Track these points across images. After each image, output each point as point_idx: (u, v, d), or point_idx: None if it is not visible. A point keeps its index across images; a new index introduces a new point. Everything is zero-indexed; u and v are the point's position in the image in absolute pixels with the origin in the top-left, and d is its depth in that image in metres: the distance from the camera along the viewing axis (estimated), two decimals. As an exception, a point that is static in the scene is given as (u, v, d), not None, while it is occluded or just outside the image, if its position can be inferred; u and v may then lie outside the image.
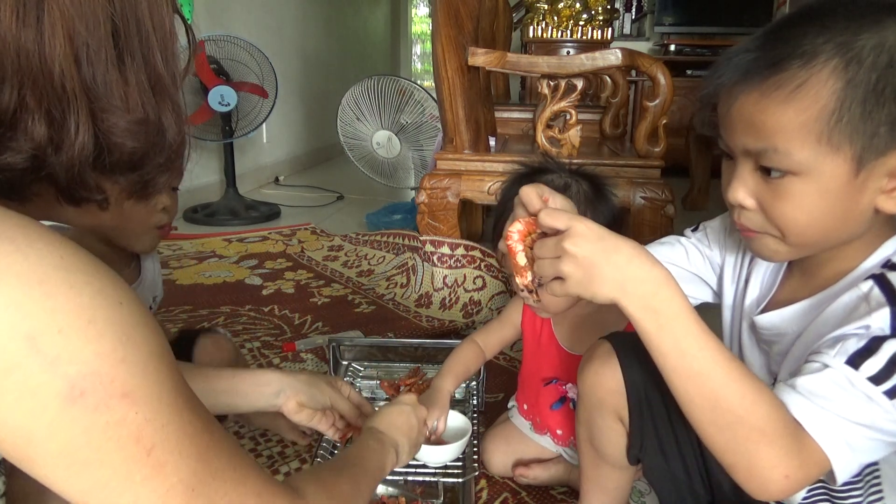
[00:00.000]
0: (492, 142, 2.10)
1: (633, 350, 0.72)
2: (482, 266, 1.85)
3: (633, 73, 3.68)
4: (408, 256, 2.10)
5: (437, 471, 1.02)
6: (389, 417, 0.85)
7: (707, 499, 0.78)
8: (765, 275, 0.72)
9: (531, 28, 3.42)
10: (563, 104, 1.75)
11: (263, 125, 3.09)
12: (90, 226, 0.98)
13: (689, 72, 4.14)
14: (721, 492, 0.75)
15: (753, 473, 0.55)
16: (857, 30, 0.53)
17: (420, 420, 0.90)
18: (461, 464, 1.03)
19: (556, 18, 3.39)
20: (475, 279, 1.85)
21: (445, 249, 1.86)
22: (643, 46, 4.66)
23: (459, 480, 1.02)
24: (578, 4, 3.37)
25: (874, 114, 0.53)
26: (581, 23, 3.35)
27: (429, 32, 4.68)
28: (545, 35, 3.39)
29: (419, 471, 1.02)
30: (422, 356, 1.37)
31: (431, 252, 1.86)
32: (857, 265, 0.62)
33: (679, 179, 2.80)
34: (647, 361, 0.60)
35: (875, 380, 0.53)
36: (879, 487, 0.63)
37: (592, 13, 3.38)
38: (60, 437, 0.35)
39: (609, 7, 3.47)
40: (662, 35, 4.55)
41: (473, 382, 1.27)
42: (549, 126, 1.78)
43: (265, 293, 2.00)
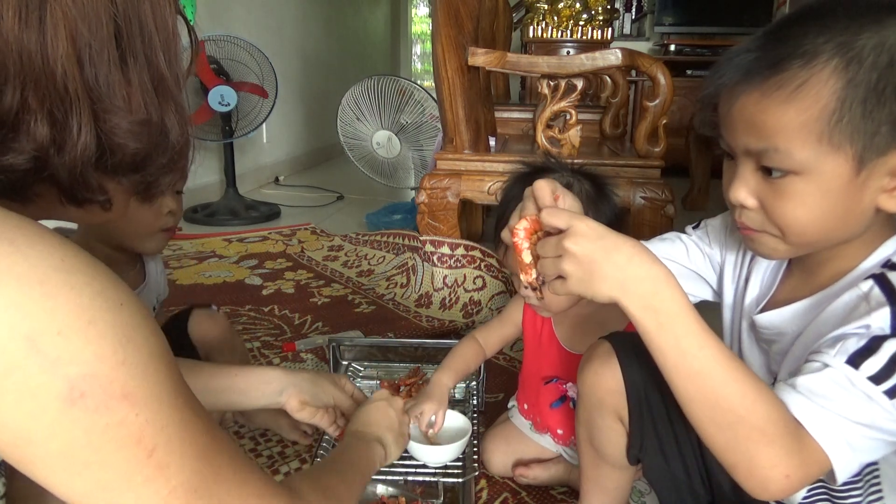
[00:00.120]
0: (492, 142, 2.10)
1: (633, 350, 0.72)
2: (482, 266, 1.85)
3: (633, 73, 3.68)
4: (408, 256, 2.10)
5: (437, 471, 1.02)
6: (366, 417, 0.86)
7: (707, 499, 0.78)
8: (765, 274, 0.72)
9: (531, 28, 3.42)
10: (563, 104, 1.75)
11: (263, 125, 3.09)
12: (95, 225, 0.99)
13: (689, 72, 4.14)
14: (721, 492, 0.75)
15: (753, 473, 0.55)
16: (858, 29, 0.54)
17: (398, 410, 0.91)
18: (461, 464, 1.03)
19: (556, 18, 3.39)
20: (475, 279, 1.84)
21: (445, 249, 1.86)
22: (643, 46, 4.66)
23: (459, 480, 1.02)
24: (578, 4, 3.37)
25: (875, 113, 0.54)
26: (581, 23, 3.35)
27: (429, 32, 4.68)
28: (545, 35, 3.39)
29: (419, 471, 1.02)
30: (422, 356, 1.37)
31: (431, 252, 1.86)
32: (857, 265, 0.62)
33: (679, 179, 2.80)
34: (647, 361, 0.60)
35: (875, 379, 0.53)
36: (879, 487, 0.63)
37: (592, 13, 3.38)
38: (60, 439, 0.35)
39: (609, 7, 3.47)
40: (662, 35, 4.55)
41: (473, 382, 1.27)
42: (549, 126, 1.78)
43: (265, 293, 2.00)
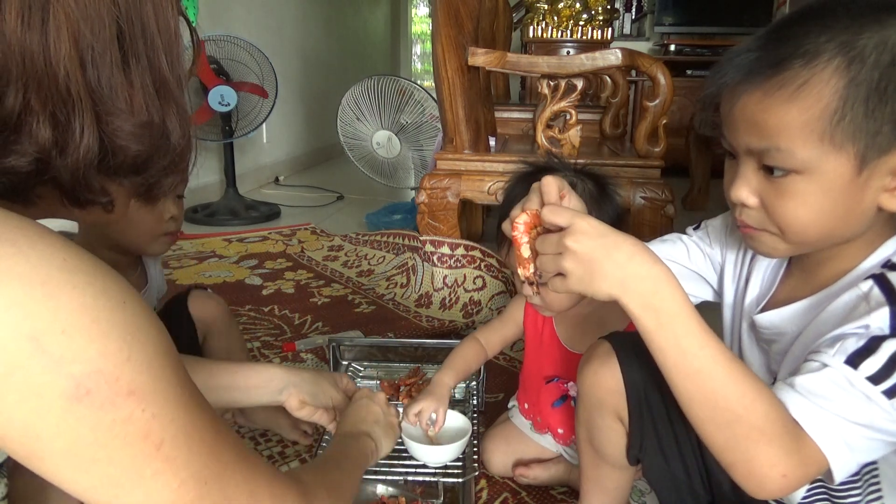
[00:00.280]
0: (492, 142, 2.10)
1: (633, 350, 0.72)
2: (482, 266, 1.85)
3: (633, 73, 3.68)
4: (408, 256, 2.10)
5: (437, 471, 1.02)
6: (351, 417, 0.88)
7: (707, 499, 0.78)
8: (765, 274, 0.72)
9: (531, 28, 3.42)
10: (563, 104, 1.75)
11: (263, 125, 3.09)
12: (97, 229, 1.00)
13: (689, 72, 4.14)
14: (721, 491, 0.75)
15: (752, 472, 0.56)
16: (859, 29, 0.54)
17: (381, 404, 0.92)
18: (461, 464, 1.03)
19: (556, 18, 3.39)
20: (475, 279, 1.85)
21: (445, 249, 1.86)
22: (643, 46, 4.66)
23: (459, 480, 1.02)
24: (578, 4, 3.37)
25: (877, 112, 0.54)
26: (581, 23, 3.35)
27: (429, 32, 4.68)
28: (545, 35, 3.39)
29: (419, 471, 1.02)
30: (422, 356, 1.37)
31: (431, 252, 1.86)
32: (857, 265, 0.62)
33: (679, 179, 2.80)
34: (647, 361, 0.60)
35: (874, 379, 0.53)
36: (878, 486, 0.63)
37: (592, 13, 3.38)
38: (67, 436, 0.35)
39: (609, 7, 3.47)
40: (662, 35, 4.55)
41: (473, 382, 1.27)
42: (549, 126, 1.78)
43: (265, 293, 2.00)
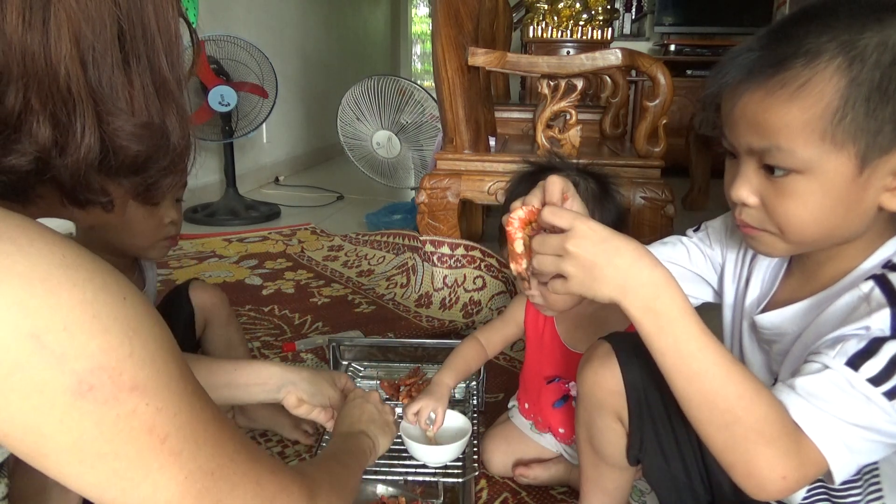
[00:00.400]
0: (492, 142, 2.10)
1: (633, 350, 0.72)
2: (482, 266, 1.85)
3: (633, 73, 3.68)
4: (408, 256, 2.10)
5: (437, 471, 1.02)
6: (346, 418, 0.88)
7: (707, 499, 0.78)
8: (765, 274, 0.72)
9: (531, 28, 3.41)
10: (563, 104, 1.75)
11: (263, 125, 3.09)
12: (96, 231, 1.00)
13: (689, 72, 4.14)
14: (721, 492, 0.75)
15: (751, 473, 0.56)
16: (860, 28, 0.54)
17: (375, 402, 0.92)
18: (461, 464, 1.03)
19: (556, 18, 3.39)
20: (475, 279, 1.85)
21: (445, 249, 1.86)
22: (643, 46, 4.66)
23: (459, 480, 1.02)
24: (578, 4, 3.37)
25: (878, 112, 0.53)
26: (581, 23, 3.35)
27: (429, 32, 4.68)
28: (545, 35, 3.39)
29: (419, 471, 1.02)
30: (422, 356, 1.37)
31: (431, 252, 1.86)
32: (858, 265, 0.62)
33: (679, 179, 2.81)
34: (647, 362, 0.60)
35: (875, 381, 0.53)
36: (879, 486, 0.63)
37: (592, 13, 3.38)
38: (72, 432, 0.35)
39: (609, 7, 3.47)
40: (662, 35, 4.55)
41: (473, 382, 1.27)
42: (549, 126, 1.78)
43: (265, 293, 2.00)
